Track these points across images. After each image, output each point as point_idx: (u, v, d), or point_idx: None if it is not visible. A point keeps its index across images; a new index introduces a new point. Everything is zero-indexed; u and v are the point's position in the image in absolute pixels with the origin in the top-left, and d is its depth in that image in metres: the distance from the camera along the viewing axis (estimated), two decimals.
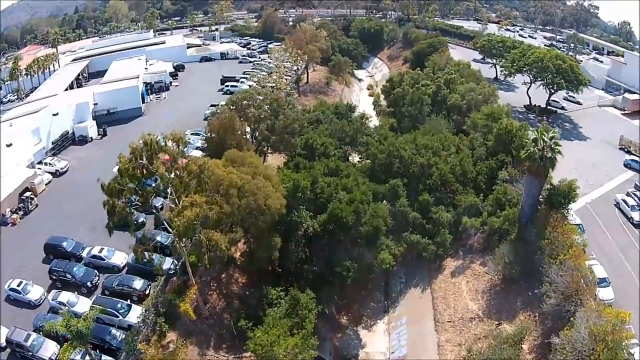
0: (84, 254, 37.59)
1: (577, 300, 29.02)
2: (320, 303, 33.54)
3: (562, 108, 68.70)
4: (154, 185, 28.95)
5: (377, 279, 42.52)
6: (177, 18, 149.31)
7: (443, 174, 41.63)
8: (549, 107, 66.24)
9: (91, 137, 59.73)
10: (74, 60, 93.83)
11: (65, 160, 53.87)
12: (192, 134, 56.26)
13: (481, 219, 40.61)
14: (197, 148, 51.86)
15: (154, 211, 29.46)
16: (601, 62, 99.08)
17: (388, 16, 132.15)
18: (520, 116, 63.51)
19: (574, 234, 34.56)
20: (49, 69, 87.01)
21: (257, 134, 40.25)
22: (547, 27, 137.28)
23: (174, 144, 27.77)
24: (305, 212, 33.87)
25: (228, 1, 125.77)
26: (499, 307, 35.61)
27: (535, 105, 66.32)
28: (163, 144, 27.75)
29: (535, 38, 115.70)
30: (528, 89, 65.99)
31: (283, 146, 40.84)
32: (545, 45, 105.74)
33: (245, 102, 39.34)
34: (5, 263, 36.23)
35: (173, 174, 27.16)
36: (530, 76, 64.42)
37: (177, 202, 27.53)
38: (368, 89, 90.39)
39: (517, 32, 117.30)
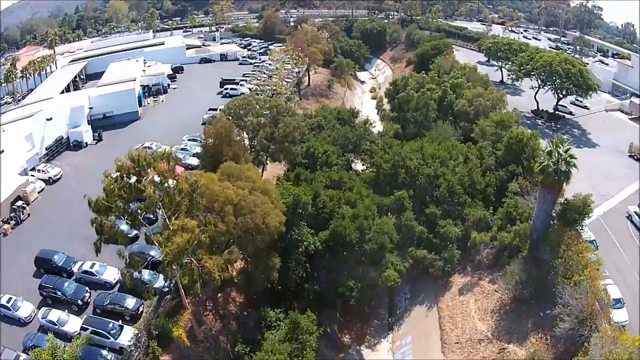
0: (75, 269, 35.96)
1: (592, 325, 27.37)
2: (322, 324, 31.39)
3: (570, 113, 66.31)
4: (143, 203, 26.68)
5: (380, 294, 40.33)
6: (177, 18, 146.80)
7: (451, 186, 39.32)
8: (557, 112, 63.84)
9: (86, 143, 57.48)
10: (71, 61, 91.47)
11: (59, 167, 51.69)
12: (189, 140, 54.09)
13: (490, 233, 38.38)
14: (194, 155, 49.73)
15: (145, 230, 27.26)
16: (606, 64, 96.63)
17: (390, 17, 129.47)
18: (528, 122, 61.05)
19: (588, 253, 32.51)
20: (46, 70, 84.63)
21: (255, 143, 37.93)
22: (551, 28, 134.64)
23: (164, 160, 25.32)
24: (306, 229, 31.63)
25: (229, 1, 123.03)
26: (509, 328, 33.45)
27: (543, 110, 63.89)
28: (152, 159, 25.30)
29: (540, 40, 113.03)
30: (536, 93, 63.50)
31: (283, 155, 38.55)
32: (550, 47, 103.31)
33: (243, 109, 36.96)
34: None
35: (163, 193, 24.84)
36: (539, 81, 61.95)
37: (168, 222, 25.31)
38: (371, 92, 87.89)
39: (521, 33, 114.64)
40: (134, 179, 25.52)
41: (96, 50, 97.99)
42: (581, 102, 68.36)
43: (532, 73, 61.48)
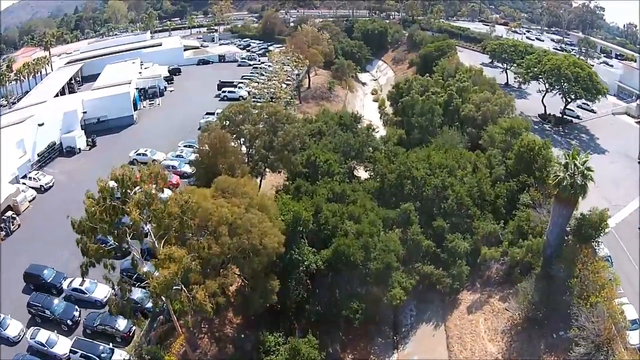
0: (64, 286, 34.02)
1: (609, 349, 25.97)
2: (324, 348, 29.12)
3: (578, 117, 63.84)
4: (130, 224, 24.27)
5: (385, 311, 38.12)
6: (176, 19, 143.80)
7: (459, 197, 36.95)
8: (564, 116, 61.38)
9: (79, 148, 54.91)
10: (67, 63, 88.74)
11: (51, 174, 49.26)
12: (185, 146, 51.52)
13: (501, 248, 36.09)
14: (189, 162, 47.13)
15: (133, 253, 24.88)
16: (611, 66, 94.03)
17: (391, 17, 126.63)
18: (536, 127, 58.46)
19: (605, 272, 30.34)
20: (41, 72, 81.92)
21: (253, 151, 35.45)
22: (552, 29, 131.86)
23: (151, 178, 22.84)
24: (307, 247, 29.27)
25: (228, 2, 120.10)
26: (521, 350, 31.34)
27: (550, 114, 61.40)
28: (139, 179, 22.80)
29: (543, 40, 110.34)
30: (543, 97, 60.96)
31: (283, 164, 36.13)
32: (554, 48, 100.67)
33: (239, 116, 34.45)
34: None
35: (150, 215, 22.42)
36: (546, 84, 59.46)
37: (157, 245, 22.94)
38: (372, 94, 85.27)
39: (524, 34, 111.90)
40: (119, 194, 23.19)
41: (93, 52, 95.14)
42: (588, 105, 66.01)
43: (540, 76, 58.96)
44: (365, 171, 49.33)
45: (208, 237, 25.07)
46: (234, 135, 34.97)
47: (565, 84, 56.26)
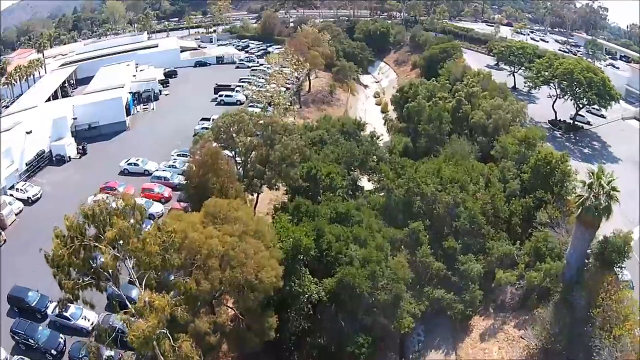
0: (49, 311, 30.96)
1: None
2: None
3: (588, 123, 60.49)
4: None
5: (391, 334, 34.94)
6: (175, 19, 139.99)
7: (472, 215, 33.70)
8: (575, 122, 57.99)
9: (69, 157, 51.41)
10: (61, 65, 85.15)
11: (39, 185, 45.91)
12: (178, 155, 47.99)
13: (517, 271, 32.86)
14: (181, 173, 43.67)
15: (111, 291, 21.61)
16: (617, 68, 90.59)
17: (393, 17, 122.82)
18: (547, 134, 54.75)
19: (630, 302, 27.28)
20: (34, 75, 78.34)
21: (248, 166, 32.07)
22: (555, 29, 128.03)
23: (128, 210, 19.46)
24: (308, 277, 26.05)
25: (226, 1, 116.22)
26: None
27: (560, 120, 58.01)
28: (114, 212, 19.35)
29: (548, 42, 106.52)
30: (554, 102, 57.55)
31: (281, 178, 32.84)
32: (560, 49, 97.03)
33: (233, 127, 31.07)
34: None
35: (127, 254, 19.10)
36: (558, 89, 56.04)
37: (138, 284, 19.68)
38: (375, 97, 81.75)
39: (528, 34, 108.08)
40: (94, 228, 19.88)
41: (88, 53, 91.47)
42: (597, 109, 62.69)
43: (551, 81, 55.53)
44: (369, 181, 46.25)
45: (196, 272, 21.83)
46: (228, 148, 31.62)
47: (577, 90, 52.86)
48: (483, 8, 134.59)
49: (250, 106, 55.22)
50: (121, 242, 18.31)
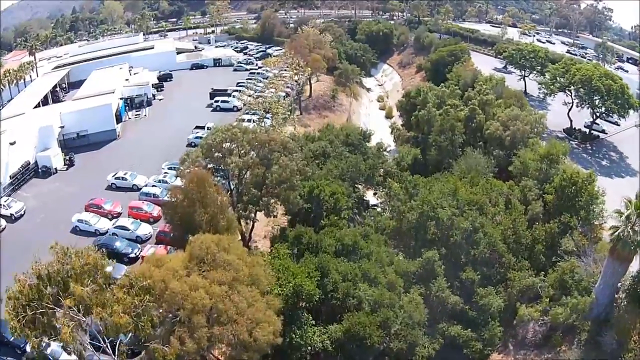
0: (27, 348, 26.63)
1: None
2: None
3: (603, 131, 56.10)
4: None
5: None
6: (173, 19, 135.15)
7: (493, 242, 29.60)
8: (591, 131, 53.56)
9: (55, 168, 46.97)
10: (54, 68, 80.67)
11: (23, 200, 41.73)
12: (169, 168, 43.40)
13: (540, 306, 28.79)
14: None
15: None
16: (627, 71, 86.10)
17: (395, 18, 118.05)
18: (562, 144, 50.88)
19: None
20: (24, 80, 73.74)
21: (241, 189, 27.75)
22: (560, 30, 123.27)
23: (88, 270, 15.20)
24: (311, 326, 21.92)
25: (225, 2, 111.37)
26: None
27: (576, 129, 53.58)
28: (74, 273, 15.03)
29: (554, 43, 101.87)
30: (569, 110, 53.16)
31: (280, 201, 28.64)
32: (569, 51, 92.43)
33: (226, 144, 26.77)
34: None
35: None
36: (574, 96, 51.66)
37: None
38: (378, 101, 77.47)
39: (534, 36, 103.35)
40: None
41: (82, 55, 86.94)
42: (611, 117, 58.40)
43: (568, 88, 51.16)
44: (375, 195, 42.15)
45: (179, 329, 17.72)
46: (218, 170, 27.34)
47: (596, 98, 48.54)
48: (487, 8, 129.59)
49: (246, 113, 51.02)
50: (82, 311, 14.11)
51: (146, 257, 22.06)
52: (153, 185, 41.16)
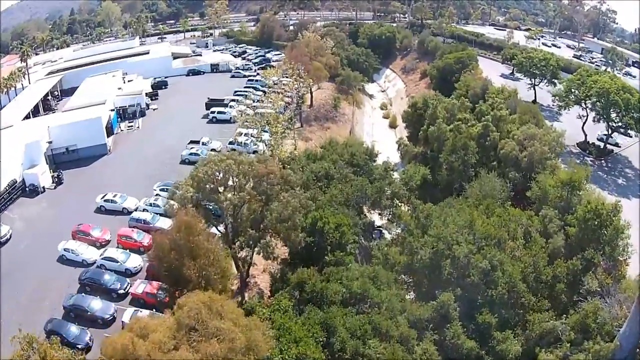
0: None
1: None
2: None
3: (617, 144, 52.87)
4: None
5: None
6: (172, 21, 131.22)
7: (512, 283, 26.67)
8: (606, 145, 50.25)
9: (43, 187, 43.70)
10: (47, 74, 77.17)
11: (10, 222, 38.70)
12: (161, 189, 39.83)
13: (561, 351, 25.95)
14: (164, 215, 36.01)
15: None
16: (634, 77, 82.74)
17: (397, 20, 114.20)
18: (577, 160, 47.57)
19: None
20: (15, 87, 70.25)
21: (236, 227, 24.41)
22: (563, 32, 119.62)
23: None
24: None
25: (223, 4, 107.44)
26: None
27: (590, 143, 50.29)
28: None
29: (559, 47, 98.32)
30: (584, 124, 49.90)
31: (279, 237, 25.57)
32: (575, 56, 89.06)
33: (218, 176, 23.56)
34: None
35: None
36: (592, 111, 48.40)
37: None
38: (382, 109, 74.12)
39: (539, 39, 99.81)
40: None
41: (76, 60, 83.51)
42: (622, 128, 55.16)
43: (584, 100, 47.94)
44: (379, 215, 39.18)
45: None
46: (211, 205, 24.20)
47: (614, 113, 45.41)
48: (490, 11, 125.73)
49: (245, 124, 47.66)
50: None
51: (129, 325, 18.95)
52: (144, 209, 37.98)
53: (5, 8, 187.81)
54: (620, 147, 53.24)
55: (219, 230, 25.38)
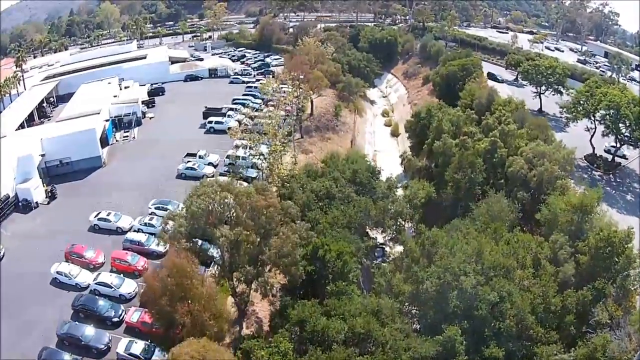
0: None
1: None
2: None
3: (624, 157, 51.25)
4: None
5: None
6: (170, 22, 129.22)
7: (521, 316, 25.29)
8: (614, 158, 48.57)
9: (37, 202, 42.23)
10: (43, 80, 75.45)
11: (2, 240, 37.34)
12: (156, 208, 38.39)
13: None
14: (159, 237, 34.34)
15: None
16: (638, 82, 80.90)
17: (398, 22, 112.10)
18: (585, 175, 46.13)
19: None
20: (10, 94, 68.60)
21: (233, 263, 22.82)
22: (565, 34, 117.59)
23: None
24: None
25: (222, 6, 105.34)
26: None
27: (598, 156, 48.59)
28: None
29: (563, 51, 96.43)
30: (592, 137, 48.26)
31: (279, 270, 24.12)
32: (579, 60, 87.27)
33: (214, 207, 22.00)
34: None
35: None
36: (601, 124, 46.73)
37: None
38: (383, 116, 72.42)
39: (542, 43, 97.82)
40: None
41: (73, 65, 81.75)
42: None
43: (593, 113, 46.30)
44: (382, 233, 37.76)
45: None
46: (204, 246, 22.62)
47: (623, 126, 43.85)
48: (492, 13, 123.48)
49: (243, 134, 46.05)
50: None
51: None
52: (138, 229, 36.52)
53: (5, 8, 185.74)
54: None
55: (215, 262, 23.94)
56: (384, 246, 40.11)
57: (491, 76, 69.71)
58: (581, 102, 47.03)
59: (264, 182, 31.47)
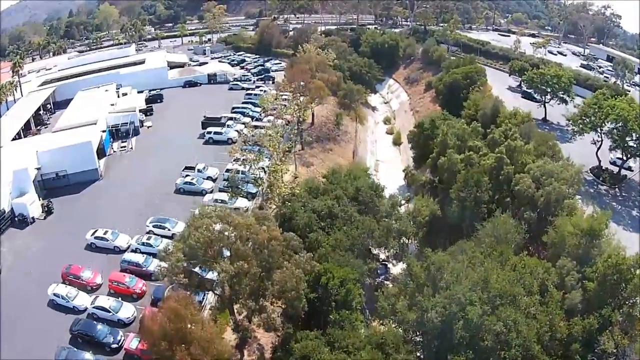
0: None
1: None
2: None
3: (629, 168, 50.47)
4: None
5: None
6: (170, 24, 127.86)
7: (528, 346, 24.57)
8: (620, 171, 47.62)
9: (33, 218, 41.49)
10: (40, 85, 74.48)
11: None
12: (154, 226, 37.61)
13: None
14: (155, 277, 32.55)
15: None
16: None
17: (399, 24, 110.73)
18: (591, 190, 45.22)
19: None
20: (7, 101, 67.50)
21: (233, 297, 21.94)
22: (569, 36, 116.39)
23: None
24: None
25: (221, 9, 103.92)
26: None
27: (604, 169, 47.69)
28: None
29: (565, 55, 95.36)
30: (598, 149, 47.35)
31: (280, 303, 23.27)
32: (582, 65, 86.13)
33: (213, 245, 21.04)
34: None
35: None
36: (608, 138, 45.81)
37: None
38: (385, 123, 71.40)
39: (545, 47, 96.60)
40: None
41: (71, 69, 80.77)
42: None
43: (600, 127, 45.38)
44: (384, 249, 36.99)
45: None
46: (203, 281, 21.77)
47: (630, 140, 42.99)
48: (494, 16, 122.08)
49: (243, 148, 45.10)
50: None
51: None
52: (136, 249, 35.69)
53: (4, 9, 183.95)
54: (632, 170, 50.77)
55: (214, 292, 23.13)
56: (386, 263, 39.42)
57: (526, 95, 62.29)
58: (588, 114, 46.10)
59: (264, 203, 30.43)
